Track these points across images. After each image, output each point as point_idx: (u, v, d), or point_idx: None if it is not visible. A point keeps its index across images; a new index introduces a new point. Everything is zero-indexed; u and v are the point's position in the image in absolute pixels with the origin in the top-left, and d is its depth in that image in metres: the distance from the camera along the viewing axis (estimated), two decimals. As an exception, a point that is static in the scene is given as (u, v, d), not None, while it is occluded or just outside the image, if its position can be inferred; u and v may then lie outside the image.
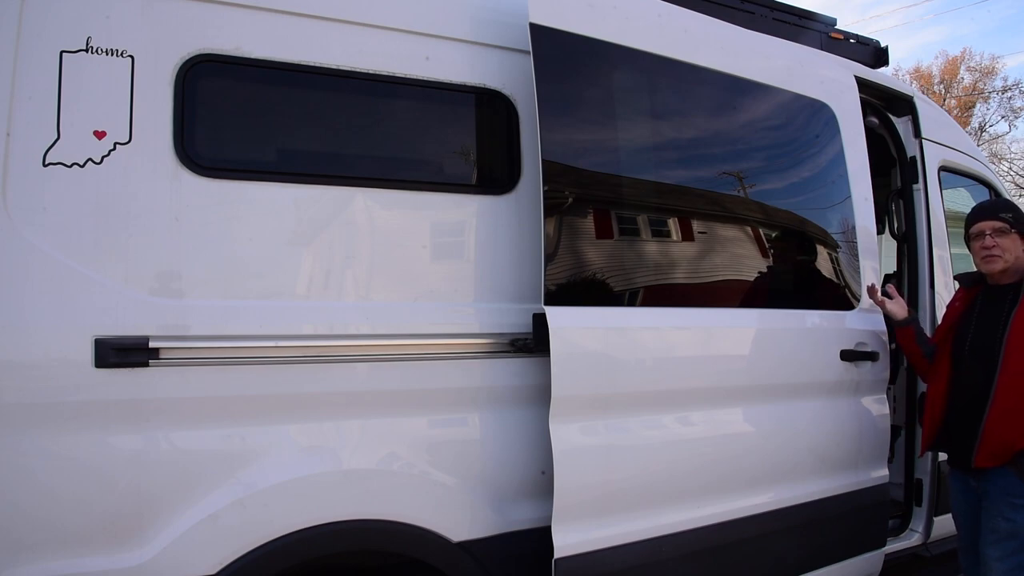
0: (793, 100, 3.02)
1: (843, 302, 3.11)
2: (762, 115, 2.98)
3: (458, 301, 2.30)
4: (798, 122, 3.09)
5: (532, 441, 2.34)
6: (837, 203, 3.13)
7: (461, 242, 2.35)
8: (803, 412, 2.91)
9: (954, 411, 2.81)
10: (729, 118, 2.89)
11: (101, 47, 1.88)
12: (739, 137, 2.92)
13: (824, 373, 2.96)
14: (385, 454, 2.16)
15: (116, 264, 1.87)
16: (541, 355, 2.28)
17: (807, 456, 2.92)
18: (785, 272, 3.06)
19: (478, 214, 2.35)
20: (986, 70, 29.78)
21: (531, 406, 2.34)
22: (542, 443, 2.30)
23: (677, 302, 2.68)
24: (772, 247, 2.97)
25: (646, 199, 2.65)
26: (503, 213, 2.37)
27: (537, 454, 2.34)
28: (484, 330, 2.29)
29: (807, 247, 3.13)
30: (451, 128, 2.41)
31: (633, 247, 2.62)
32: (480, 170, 2.43)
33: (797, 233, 3.12)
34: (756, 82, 2.89)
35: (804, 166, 3.11)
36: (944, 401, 2.84)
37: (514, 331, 2.31)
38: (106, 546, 1.84)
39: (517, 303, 2.35)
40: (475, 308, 2.31)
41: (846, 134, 3.16)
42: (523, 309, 2.34)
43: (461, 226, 2.35)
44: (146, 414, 1.88)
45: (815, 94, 3.08)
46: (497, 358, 2.30)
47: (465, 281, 2.32)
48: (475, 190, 2.37)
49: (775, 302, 2.94)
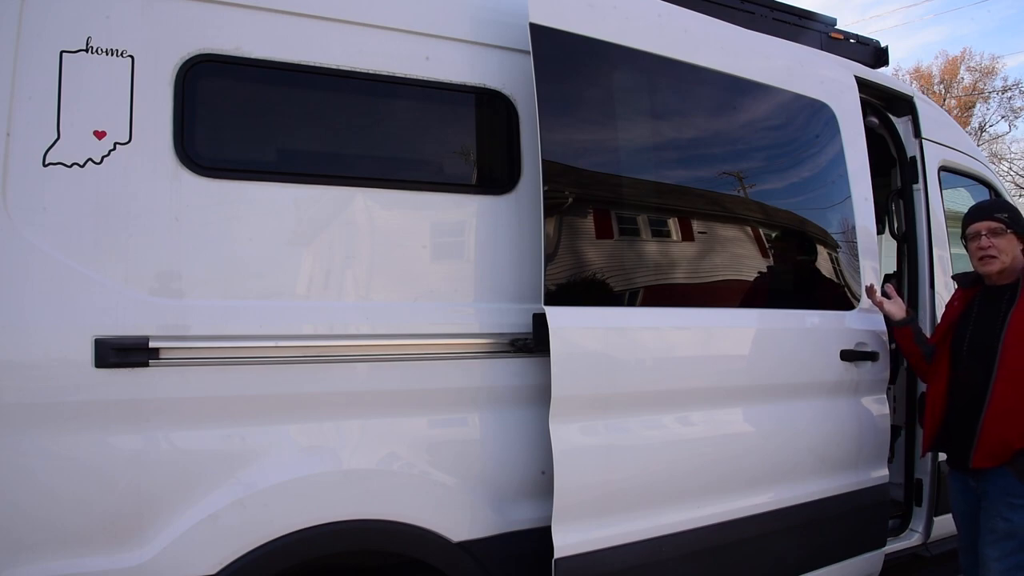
0: (793, 100, 3.02)
1: (843, 302, 3.11)
2: (762, 115, 2.98)
3: (458, 301, 2.30)
4: (798, 122, 3.09)
5: (532, 441, 2.34)
6: (837, 203, 3.13)
7: (461, 242, 2.35)
8: (803, 412, 2.91)
9: (953, 411, 2.81)
10: (729, 118, 2.88)
11: (101, 47, 1.88)
12: (739, 137, 2.92)
13: (824, 373, 2.96)
14: (385, 454, 2.16)
15: (116, 264, 1.87)
16: (541, 355, 2.28)
17: (807, 456, 2.92)
18: (785, 272, 3.06)
19: (478, 214, 2.35)
20: (986, 70, 29.81)
21: (531, 406, 2.34)
22: (542, 443, 2.30)
23: (677, 302, 2.68)
24: (772, 247, 2.97)
25: (646, 199, 2.65)
26: (503, 213, 2.37)
27: (537, 454, 2.34)
28: (484, 330, 2.29)
29: (807, 247, 3.13)
30: (451, 128, 2.41)
31: (633, 247, 2.62)
32: (480, 170, 2.43)
33: (797, 233, 3.12)
34: (756, 82, 2.89)
35: (804, 166, 3.11)
36: (944, 401, 2.84)
37: (514, 331, 2.31)
38: (106, 546, 1.84)
39: (517, 303, 2.35)
40: (475, 308, 2.31)
41: (846, 134, 3.16)
42: (523, 309, 2.34)
43: (461, 226, 2.35)
44: (146, 414, 1.88)
45: (815, 94, 3.08)
46: (497, 358, 2.30)
47: (465, 281, 2.32)
48: (475, 190, 2.37)
49: (775, 302, 2.94)
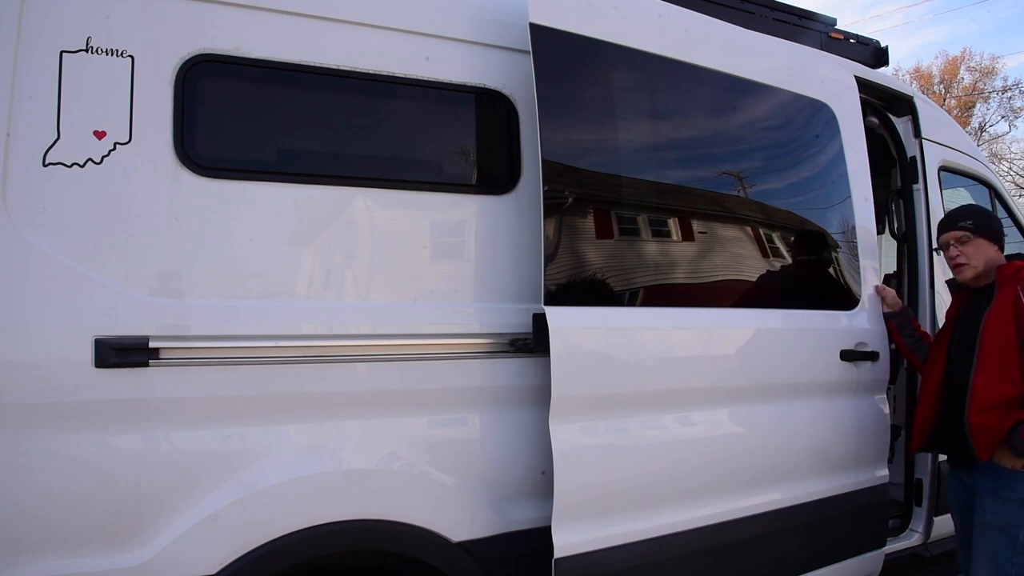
0: (793, 100, 3.02)
1: (843, 302, 3.10)
2: (762, 115, 2.98)
3: (458, 301, 2.30)
4: (798, 122, 3.09)
5: (532, 441, 2.34)
6: (837, 203, 3.12)
7: (461, 242, 2.35)
8: (803, 412, 2.91)
9: (947, 410, 2.83)
10: (729, 118, 2.88)
11: (101, 47, 1.88)
12: (739, 137, 2.92)
13: (824, 373, 2.96)
14: (385, 454, 2.16)
15: (116, 264, 1.87)
16: (541, 355, 2.28)
17: (807, 456, 2.92)
18: (785, 272, 3.05)
19: (478, 214, 2.35)
20: (986, 70, 29.82)
21: (531, 406, 2.34)
22: (542, 443, 2.30)
23: (677, 302, 2.67)
24: (772, 247, 2.97)
25: (646, 199, 2.65)
26: (503, 213, 2.37)
27: (537, 454, 2.34)
28: (484, 330, 2.29)
29: (807, 247, 3.12)
30: (451, 128, 2.41)
31: (633, 247, 2.61)
32: (480, 170, 2.43)
33: (797, 233, 3.12)
34: (756, 82, 2.88)
35: (804, 166, 3.11)
36: (935, 400, 2.87)
37: (514, 331, 2.31)
38: (106, 546, 1.84)
39: (517, 303, 2.35)
40: (475, 308, 2.31)
41: (846, 134, 3.15)
42: (523, 309, 2.33)
43: (461, 226, 2.35)
44: (146, 414, 1.88)
45: (815, 94, 3.08)
46: (497, 358, 2.30)
47: (465, 281, 2.32)
48: (475, 190, 2.37)
49: (775, 302, 2.94)
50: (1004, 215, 4.23)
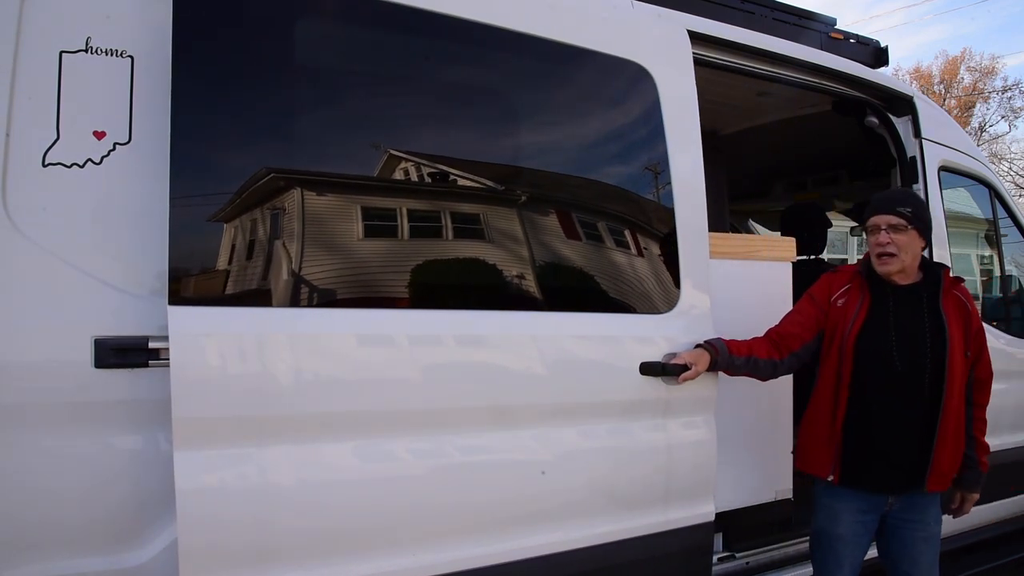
0: (579, 57, 2.45)
1: (648, 305, 2.51)
2: (536, 78, 2.45)
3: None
4: (589, 87, 2.54)
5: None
6: (649, 189, 2.59)
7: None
8: (575, 438, 2.34)
9: (878, 432, 2.48)
10: (482, 80, 2.39)
11: (101, 47, 1.88)
12: (497, 103, 2.43)
13: (611, 391, 2.41)
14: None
15: (116, 264, 1.86)
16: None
17: (584, 492, 2.36)
18: (557, 268, 2.40)
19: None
20: (986, 70, 29.87)
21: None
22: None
23: (382, 304, 2.11)
24: (538, 238, 2.36)
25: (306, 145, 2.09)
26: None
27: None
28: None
29: (593, 237, 2.50)
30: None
31: (321, 228, 2.04)
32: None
33: (579, 222, 2.49)
34: (520, 33, 2.33)
35: (600, 143, 2.58)
36: (844, 420, 2.50)
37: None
38: (106, 546, 1.84)
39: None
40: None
41: (668, 106, 2.58)
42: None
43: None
44: (146, 415, 1.87)
45: (621, 52, 2.52)
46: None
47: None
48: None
49: (537, 303, 2.34)
50: (1004, 215, 4.23)
